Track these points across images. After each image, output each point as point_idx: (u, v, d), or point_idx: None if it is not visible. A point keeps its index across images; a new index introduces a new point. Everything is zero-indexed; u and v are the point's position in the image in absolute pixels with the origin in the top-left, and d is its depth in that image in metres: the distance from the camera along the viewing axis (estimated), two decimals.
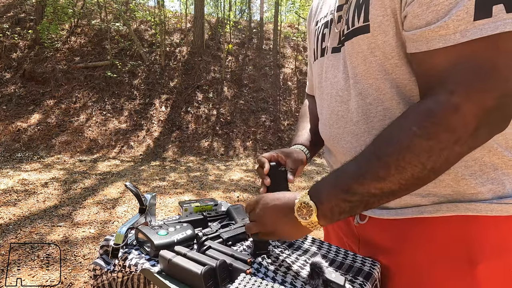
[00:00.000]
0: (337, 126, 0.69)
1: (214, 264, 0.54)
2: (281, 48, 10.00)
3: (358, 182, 0.49)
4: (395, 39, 0.54)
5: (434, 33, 0.46)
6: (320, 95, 0.76)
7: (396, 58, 0.55)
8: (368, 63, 0.59)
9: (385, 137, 0.49)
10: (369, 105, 0.61)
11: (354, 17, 0.59)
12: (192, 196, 3.79)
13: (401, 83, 0.56)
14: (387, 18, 0.54)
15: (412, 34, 0.49)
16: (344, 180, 0.51)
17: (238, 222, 0.79)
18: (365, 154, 0.51)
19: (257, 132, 7.19)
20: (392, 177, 0.46)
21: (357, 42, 0.60)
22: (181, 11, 12.89)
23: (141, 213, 0.76)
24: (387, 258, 0.65)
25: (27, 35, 7.55)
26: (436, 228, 0.58)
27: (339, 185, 0.51)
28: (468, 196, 0.56)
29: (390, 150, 0.47)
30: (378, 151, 0.49)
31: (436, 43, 0.46)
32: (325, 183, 0.54)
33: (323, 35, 0.73)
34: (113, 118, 6.59)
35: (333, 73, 0.69)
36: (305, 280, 0.58)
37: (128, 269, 0.63)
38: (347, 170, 0.52)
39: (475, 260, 0.55)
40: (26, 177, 4.08)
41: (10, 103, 6.22)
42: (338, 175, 0.53)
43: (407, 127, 0.46)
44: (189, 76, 8.10)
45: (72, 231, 2.67)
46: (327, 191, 0.52)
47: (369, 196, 0.49)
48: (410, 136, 0.45)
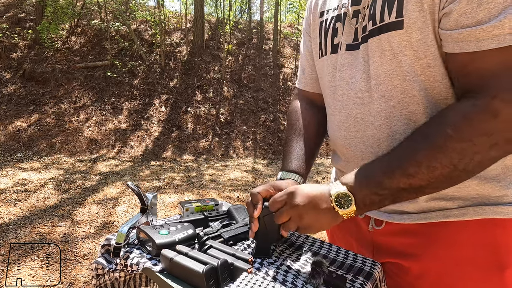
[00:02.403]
0: (355, 129, 0.64)
1: (216, 263, 0.55)
2: (281, 48, 9.99)
3: (388, 177, 0.49)
4: (431, 38, 0.51)
5: (487, 33, 0.43)
6: (331, 95, 0.70)
7: (430, 58, 0.52)
8: (396, 63, 0.55)
9: (420, 135, 0.49)
10: (392, 108, 0.57)
11: (383, 12, 0.54)
12: (192, 196, 3.79)
13: (430, 85, 0.54)
14: (423, 14, 0.50)
15: (458, 33, 0.46)
16: (375, 174, 0.51)
17: (239, 221, 0.79)
18: (398, 150, 0.51)
19: (257, 132, 7.19)
20: (422, 175, 0.47)
21: (386, 39, 0.55)
22: (181, 11, 12.88)
23: (143, 212, 0.76)
24: (410, 263, 0.63)
25: (27, 35, 7.54)
26: (462, 232, 0.57)
27: (370, 178, 0.52)
28: (494, 199, 0.55)
29: (423, 148, 0.47)
30: (410, 148, 0.49)
31: (489, 43, 0.43)
32: (357, 175, 0.54)
33: (335, 29, 0.67)
34: (113, 118, 6.59)
35: (349, 73, 0.64)
36: (306, 279, 0.58)
37: (129, 268, 0.63)
38: (379, 164, 0.52)
39: (504, 264, 0.54)
40: (26, 177, 4.08)
41: (10, 103, 6.22)
42: (370, 168, 0.53)
43: (442, 127, 0.46)
44: (189, 76, 8.10)
45: (72, 231, 2.67)
46: (358, 182, 0.52)
47: (398, 190, 0.49)
48: (444, 136, 0.45)
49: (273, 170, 5.50)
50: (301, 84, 0.86)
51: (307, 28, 0.80)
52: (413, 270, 0.62)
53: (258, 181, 4.67)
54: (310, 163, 0.77)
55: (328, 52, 0.69)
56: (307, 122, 0.80)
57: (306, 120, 0.81)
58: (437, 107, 0.55)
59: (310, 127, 0.80)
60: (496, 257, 0.54)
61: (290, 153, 0.76)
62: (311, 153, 0.78)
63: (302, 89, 0.86)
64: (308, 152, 0.76)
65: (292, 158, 0.75)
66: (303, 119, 0.81)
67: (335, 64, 0.68)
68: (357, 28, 0.62)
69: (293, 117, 0.83)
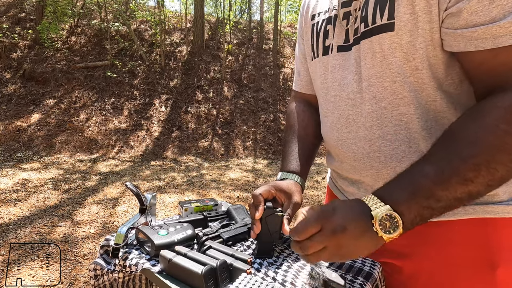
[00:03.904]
0: (347, 130, 0.65)
1: (215, 264, 0.54)
2: (281, 48, 9.99)
3: (443, 187, 0.44)
4: (420, 40, 0.51)
5: (504, 29, 0.43)
6: (324, 97, 0.71)
7: (418, 60, 0.53)
8: (386, 65, 0.56)
9: (466, 136, 0.45)
10: (384, 109, 0.58)
11: (375, 14, 0.55)
12: (192, 196, 3.79)
13: (420, 87, 0.54)
14: (414, 17, 0.51)
15: (472, 31, 0.45)
16: (425, 186, 0.45)
17: (239, 222, 0.79)
18: (443, 156, 0.46)
19: (257, 132, 7.19)
20: (482, 179, 0.43)
21: (377, 41, 0.56)
22: (181, 11, 12.89)
23: (142, 213, 0.75)
24: (403, 262, 0.63)
25: (27, 35, 7.55)
26: (454, 231, 0.57)
27: (419, 193, 0.45)
28: (484, 198, 0.55)
29: (477, 150, 0.43)
30: (461, 153, 0.44)
31: (507, 39, 0.43)
32: (400, 190, 0.46)
33: (326, 31, 0.67)
34: (113, 118, 6.59)
35: (341, 74, 0.65)
36: (305, 280, 0.58)
37: (128, 269, 0.63)
38: (424, 174, 0.45)
39: (496, 263, 0.54)
40: (26, 177, 4.08)
41: (10, 103, 6.22)
42: (414, 180, 0.46)
43: (493, 125, 0.43)
44: (189, 76, 8.10)
45: (72, 231, 2.67)
46: (405, 199, 0.45)
47: (455, 200, 0.44)
48: (499, 134, 0.42)
49: (274, 170, 5.50)
50: (297, 86, 0.88)
51: (300, 31, 0.81)
52: (406, 270, 0.63)
53: (258, 181, 4.67)
54: (309, 163, 0.78)
55: (320, 54, 0.70)
56: (305, 123, 0.81)
57: (304, 121, 0.82)
58: (427, 108, 0.55)
59: (308, 128, 0.81)
60: (487, 256, 0.55)
61: (289, 153, 0.77)
62: (310, 153, 0.79)
63: (298, 91, 0.88)
64: (307, 153, 0.77)
65: (291, 159, 0.76)
66: (301, 120, 0.82)
67: (326, 65, 0.68)
68: (348, 29, 0.62)
69: (291, 118, 0.85)
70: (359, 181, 0.68)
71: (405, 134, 0.58)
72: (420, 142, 0.57)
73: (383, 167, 0.61)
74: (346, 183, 0.73)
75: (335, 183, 0.81)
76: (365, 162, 0.63)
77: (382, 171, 0.61)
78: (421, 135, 0.57)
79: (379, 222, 0.45)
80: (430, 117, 0.56)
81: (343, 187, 0.75)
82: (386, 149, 0.60)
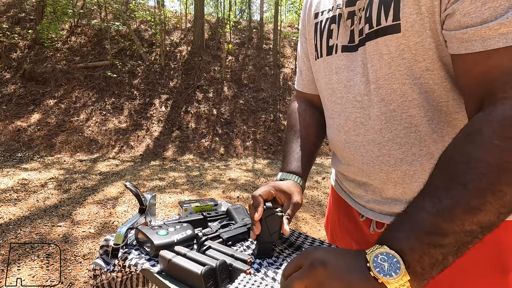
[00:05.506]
0: (355, 133, 0.63)
1: (214, 264, 0.54)
2: (281, 48, 9.99)
3: (446, 219, 0.38)
4: (429, 41, 0.50)
5: (493, 31, 0.41)
6: (329, 98, 0.69)
7: (428, 61, 0.51)
8: (395, 66, 0.54)
9: (461, 159, 0.41)
10: (392, 112, 0.56)
11: (379, 15, 0.53)
12: (192, 196, 3.78)
13: (430, 88, 0.53)
14: (421, 17, 0.49)
15: (462, 33, 0.44)
16: (426, 219, 0.39)
17: (238, 222, 0.79)
18: (440, 184, 0.41)
19: (257, 132, 7.19)
20: (490, 205, 0.38)
21: (383, 43, 0.54)
22: (181, 11, 12.89)
23: (141, 213, 0.75)
24: None
25: (27, 35, 7.55)
26: None
27: (419, 226, 0.40)
28: None
29: (476, 173, 0.39)
30: (459, 178, 0.40)
31: (496, 42, 0.41)
32: (396, 230, 0.42)
33: (330, 31, 0.66)
34: (113, 118, 6.59)
35: (347, 75, 0.63)
36: None
37: (128, 269, 0.63)
38: (422, 207, 0.41)
39: (508, 268, 0.53)
40: (26, 177, 4.08)
41: (10, 103, 6.22)
42: (411, 216, 0.41)
43: (488, 142, 0.39)
44: (189, 76, 8.10)
45: (72, 231, 2.67)
46: (404, 236, 0.40)
47: (465, 235, 0.38)
48: (496, 152, 0.38)
49: (274, 170, 5.50)
50: (299, 86, 0.86)
51: (303, 29, 0.79)
52: None
53: (258, 181, 4.67)
54: (309, 164, 0.77)
55: (324, 54, 0.68)
56: (306, 123, 0.80)
57: (305, 121, 0.81)
58: (438, 110, 0.54)
59: (309, 128, 0.80)
60: (499, 260, 0.53)
61: (290, 154, 0.76)
62: (311, 154, 0.78)
63: (300, 91, 0.86)
64: (307, 153, 0.76)
65: (291, 159, 0.75)
66: (303, 120, 0.81)
67: (331, 66, 0.67)
68: (353, 29, 0.61)
69: (293, 118, 0.83)
70: (367, 184, 0.67)
71: (415, 137, 0.56)
72: (430, 145, 0.56)
73: (393, 171, 0.60)
74: (353, 185, 0.72)
75: (341, 185, 0.79)
76: (374, 165, 0.62)
77: (392, 175, 0.60)
78: (432, 138, 0.56)
79: (374, 263, 0.40)
80: (441, 119, 0.55)
81: (350, 188, 0.74)
82: (395, 153, 0.58)
